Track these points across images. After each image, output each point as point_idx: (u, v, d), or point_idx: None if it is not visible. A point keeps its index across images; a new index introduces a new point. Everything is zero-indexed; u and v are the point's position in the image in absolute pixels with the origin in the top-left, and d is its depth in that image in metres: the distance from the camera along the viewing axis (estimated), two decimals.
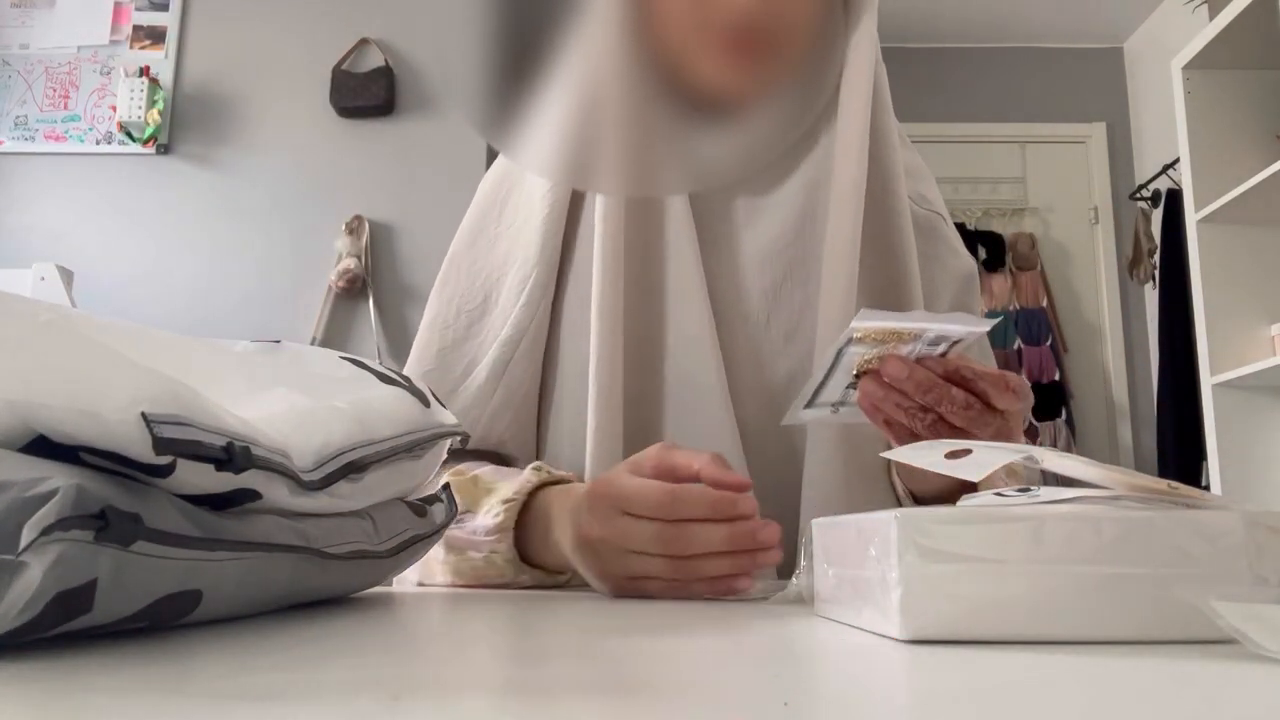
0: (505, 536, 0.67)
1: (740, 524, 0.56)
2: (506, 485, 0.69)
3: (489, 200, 0.84)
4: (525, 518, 0.68)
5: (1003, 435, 0.58)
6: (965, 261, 0.86)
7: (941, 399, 0.56)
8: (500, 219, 0.82)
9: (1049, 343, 3.95)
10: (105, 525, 0.28)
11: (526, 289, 0.77)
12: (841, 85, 0.76)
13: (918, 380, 0.56)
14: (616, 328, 0.73)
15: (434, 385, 0.77)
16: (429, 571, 0.74)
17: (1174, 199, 3.48)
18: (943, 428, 0.57)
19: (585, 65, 0.69)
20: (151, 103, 2.99)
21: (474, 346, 0.79)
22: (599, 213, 0.75)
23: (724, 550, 0.56)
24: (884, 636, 0.35)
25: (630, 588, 0.59)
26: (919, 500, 0.71)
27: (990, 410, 0.57)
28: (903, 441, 0.57)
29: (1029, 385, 0.59)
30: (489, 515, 0.68)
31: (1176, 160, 3.02)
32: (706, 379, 0.74)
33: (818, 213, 0.77)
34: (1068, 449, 3.84)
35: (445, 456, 0.58)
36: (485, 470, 0.73)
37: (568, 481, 0.70)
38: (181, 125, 3.05)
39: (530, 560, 0.68)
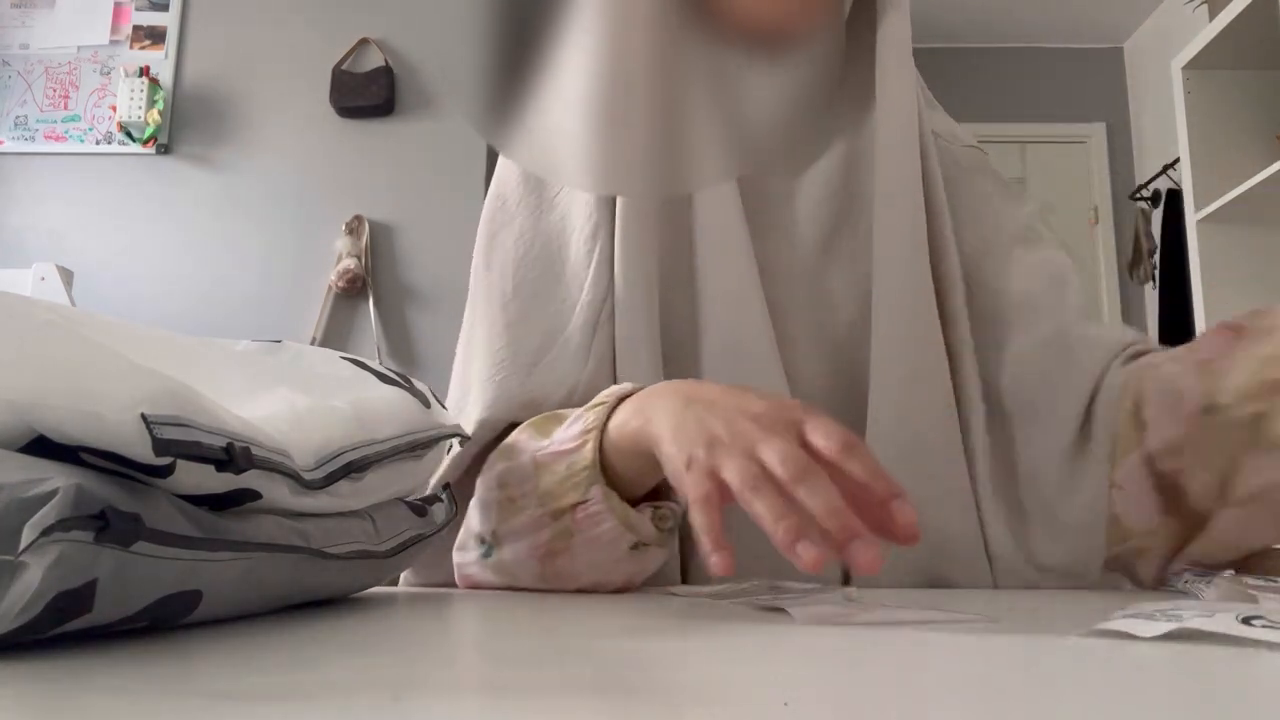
0: (591, 437, 0.58)
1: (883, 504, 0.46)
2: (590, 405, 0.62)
3: (522, 172, 0.78)
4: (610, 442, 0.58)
5: None
6: (1016, 188, 0.82)
7: None
8: (543, 185, 0.77)
9: None
10: (105, 525, 0.29)
11: (597, 250, 0.72)
12: (878, 38, 0.73)
13: None
14: (652, 297, 0.70)
15: (506, 361, 0.70)
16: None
17: (1174, 199, 3.48)
18: None
19: (607, 25, 0.63)
20: (151, 103, 2.99)
21: (548, 315, 0.72)
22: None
23: (842, 512, 0.44)
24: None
25: (696, 472, 0.49)
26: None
27: None
28: None
29: None
30: (574, 423, 0.60)
31: (1176, 160, 3.02)
32: (751, 334, 0.70)
33: (865, 154, 0.74)
34: None
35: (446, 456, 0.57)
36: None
37: None
38: (181, 125, 3.05)
39: (621, 479, 0.58)
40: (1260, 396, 0.57)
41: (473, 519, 0.64)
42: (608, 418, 0.59)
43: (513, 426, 0.68)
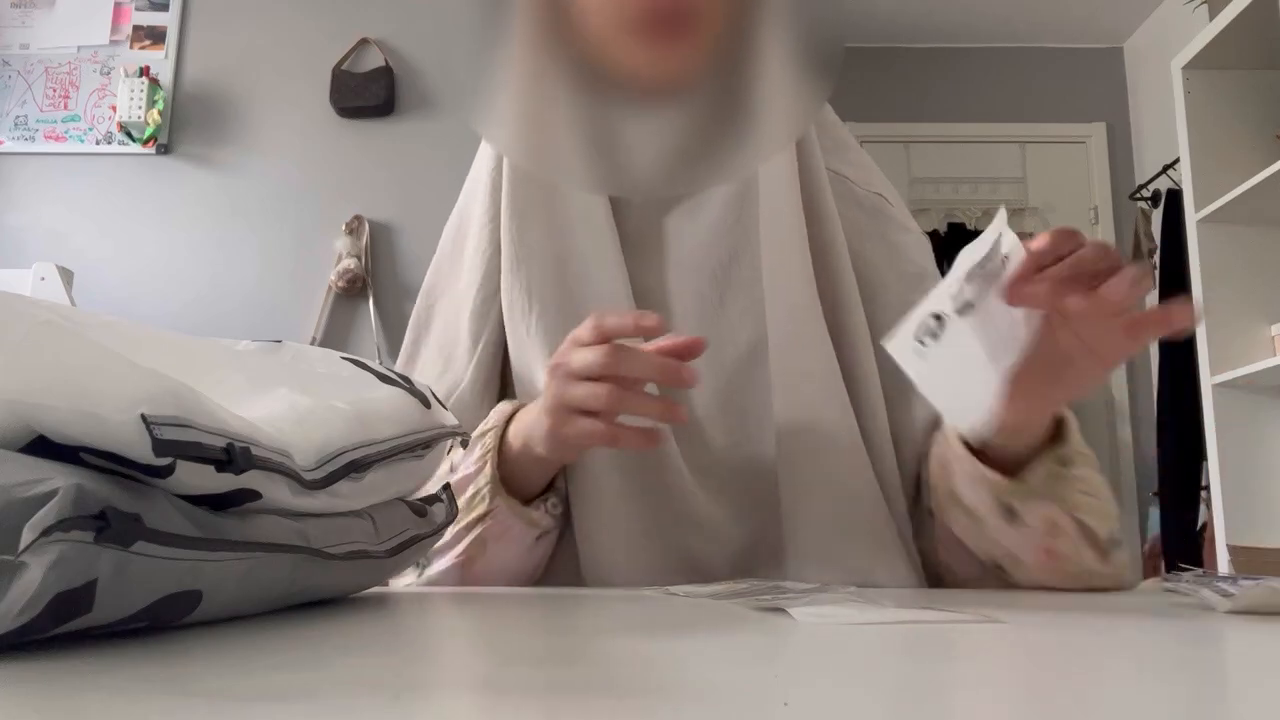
0: (489, 458, 0.71)
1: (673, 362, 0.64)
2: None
3: (453, 231, 0.88)
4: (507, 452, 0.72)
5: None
6: (912, 236, 0.87)
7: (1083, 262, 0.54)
8: (460, 249, 0.86)
9: None
10: (105, 526, 0.29)
11: (477, 303, 0.82)
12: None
13: (1056, 243, 0.54)
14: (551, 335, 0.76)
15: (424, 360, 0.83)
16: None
17: (1174, 199, 3.48)
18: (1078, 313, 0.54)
19: (516, 58, 0.71)
20: (151, 103, 2.99)
21: (450, 367, 0.83)
22: (503, 220, 0.79)
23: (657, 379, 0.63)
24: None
25: (571, 422, 0.65)
26: (1007, 473, 0.69)
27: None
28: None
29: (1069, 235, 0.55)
30: (473, 449, 0.73)
31: (1176, 160, 3.02)
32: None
33: (750, 193, 0.79)
34: None
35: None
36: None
37: None
38: (181, 125, 3.05)
39: (517, 487, 0.72)
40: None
41: None
42: (501, 439, 0.72)
43: None
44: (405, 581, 0.75)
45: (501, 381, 0.82)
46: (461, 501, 0.71)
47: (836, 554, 0.72)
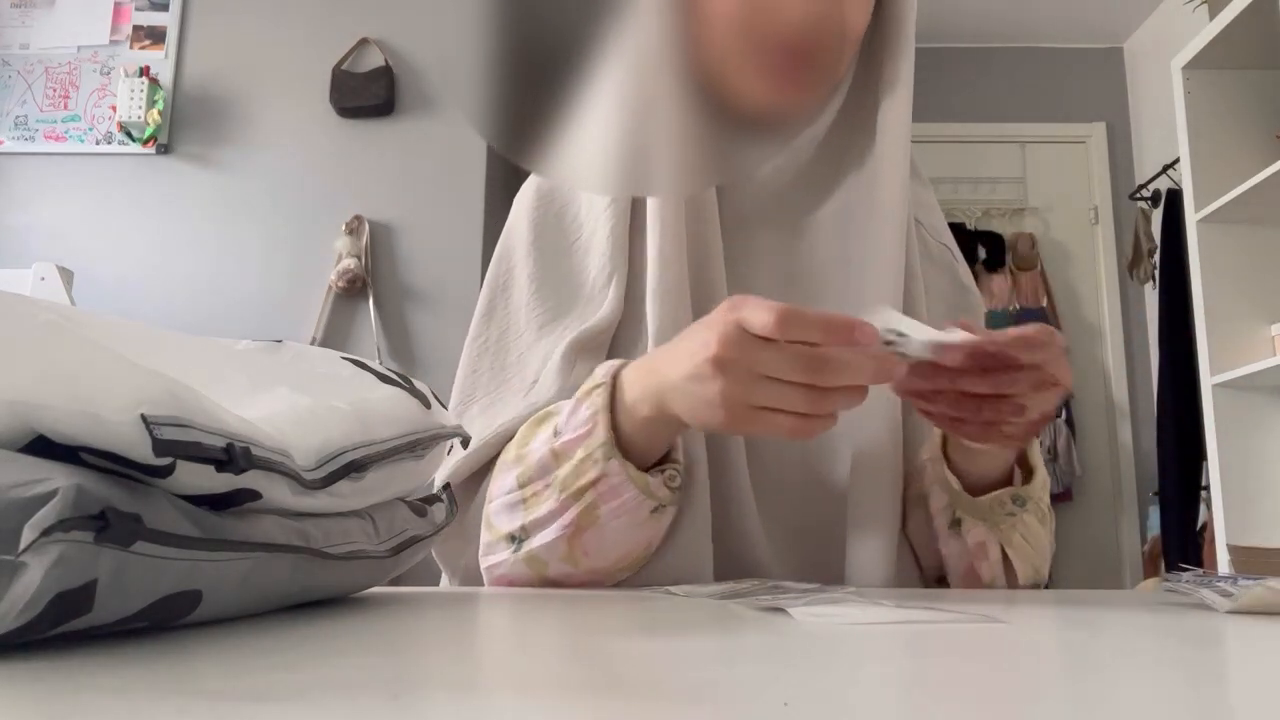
0: (601, 418, 0.65)
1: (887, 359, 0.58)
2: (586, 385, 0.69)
3: (538, 217, 0.85)
4: (616, 405, 0.66)
5: (1042, 385, 0.60)
6: (973, 298, 0.89)
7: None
8: (561, 232, 0.84)
9: None
10: (105, 526, 0.29)
11: (613, 287, 0.78)
12: (880, 112, 0.78)
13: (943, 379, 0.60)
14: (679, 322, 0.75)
15: (507, 387, 0.80)
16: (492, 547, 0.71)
17: (1174, 199, 3.48)
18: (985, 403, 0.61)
19: (629, 82, 0.71)
20: (151, 103, 2.98)
21: (548, 344, 0.79)
22: (652, 243, 0.76)
23: (864, 383, 0.57)
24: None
25: (753, 419, 0.58)
26: (969, 488, 0.72)
27: (1017, 369, 0.60)
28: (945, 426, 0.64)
29: (1050, 329, 0.61)
30: (577, 410, 0.67)
31: (1176, 160, 3.02)
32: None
33: (851, 240, 0.80)
34: (1068, 449, 3.84)
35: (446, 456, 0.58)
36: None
37: None
38: (181, 125, 3.04)
39: (634, 452, 0.66)
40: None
41: (498, 523, 0.71)
42: (611, 397, 0.66)
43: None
44: (495, 559, 0.70)
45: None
46: (568, 467, 0.66)
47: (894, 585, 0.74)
